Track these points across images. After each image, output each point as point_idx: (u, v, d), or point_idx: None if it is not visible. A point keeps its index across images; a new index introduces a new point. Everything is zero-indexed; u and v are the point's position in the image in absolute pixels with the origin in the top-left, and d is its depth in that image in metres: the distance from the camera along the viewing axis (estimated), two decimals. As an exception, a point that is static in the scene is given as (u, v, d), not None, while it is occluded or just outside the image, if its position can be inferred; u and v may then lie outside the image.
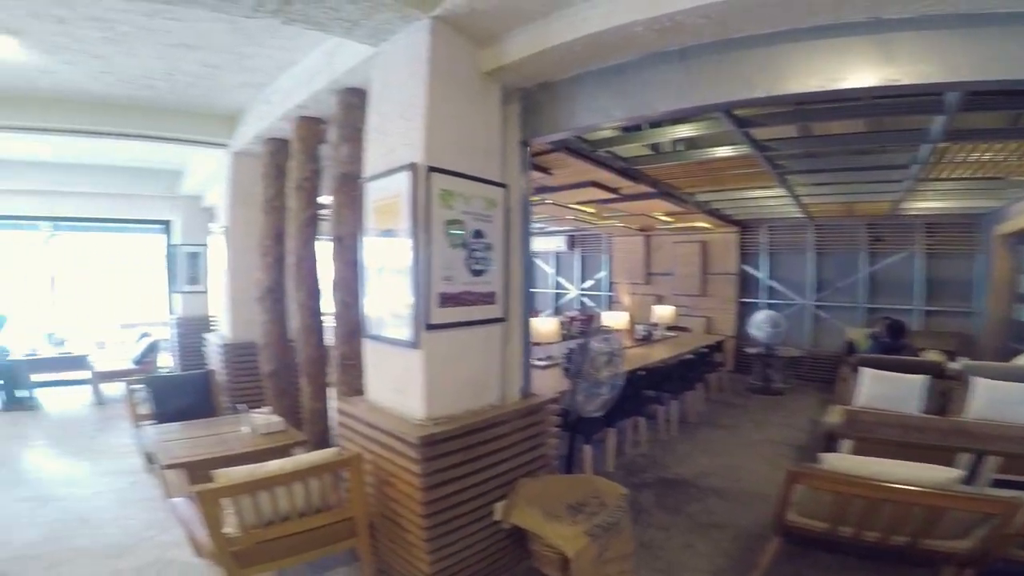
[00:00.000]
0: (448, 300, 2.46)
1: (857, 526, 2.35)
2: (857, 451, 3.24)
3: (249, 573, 2.32)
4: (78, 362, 6.71)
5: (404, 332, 2.43)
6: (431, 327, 2.40)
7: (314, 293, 4.01)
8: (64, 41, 3.30)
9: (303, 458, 2.56)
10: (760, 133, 3.89)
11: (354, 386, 3.45)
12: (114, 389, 6.75)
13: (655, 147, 4.81)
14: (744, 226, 8.69)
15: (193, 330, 7.69)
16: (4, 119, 4.35)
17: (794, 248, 8.40)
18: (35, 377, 6.54)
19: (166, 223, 8.26)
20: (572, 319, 8.67)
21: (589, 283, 11.12)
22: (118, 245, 8.91)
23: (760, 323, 7.45)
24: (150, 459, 3.74)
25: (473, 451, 2.57)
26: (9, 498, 3.75)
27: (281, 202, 4.70)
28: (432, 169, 2.41)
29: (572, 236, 11.04)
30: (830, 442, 3.80)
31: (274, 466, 2.43)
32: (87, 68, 3.78)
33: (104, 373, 6.67)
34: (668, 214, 7.68)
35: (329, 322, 3.73)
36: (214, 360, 5.53)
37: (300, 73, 3.78)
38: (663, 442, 5.13)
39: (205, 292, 7.90)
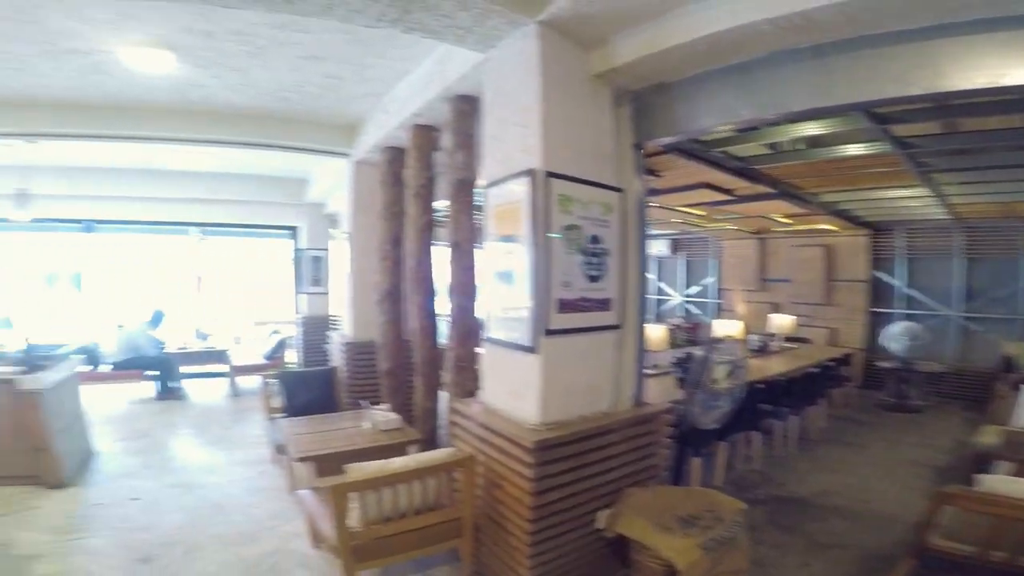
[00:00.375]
0: (566, 306, 2.46)
1: (1013, 551, 2.13)
2: (1018, 474, 2.86)
3: (363, 567, 2.44)
4: (219, 356, 7.50)
5: (523, 336, 2.46)
6: (550, 332, 2.41)
7: (430, 296, 4.18)
8: (211, 55, 3.61)
9: (423, 456, 2.66)
10: (900, 130, 3.52)
11: (466, 387, 3.55)
12: (247, 382, 7.47)
13: (773, 146, 4.52)
14: (876, 229, 7.91)
15: (316, 328, 8.32)
16: (165, 131, 4.88)
17: (937, 253, 7.52)
18: (183, 369, 7.33)
19: (294, 229, 9.01)
20: (676, 327, 8.36)
21: (694, 289, 10.67)
22: (253, 249, 9.86)
23: (896, 335, 6.75)
24: (280, 450, 4.05)
25: (583, 458, 2.55)
26: (161, 483, 4.17)
27: (399, 208, 4.94)
28: (550, 175, 2.42)
29: (675, 240, 10.66)
30: (981, 464, 3.37)
31: (399, 463, 2.54)
32: (231, 81, 4.13)
33: (240, 367, 7.39)
34: (787, 216, 7.18)
35: (444, 324, 3.86)
36: (336, 357, 5.93)
37: (414, 82, 3.94)
38: (779, 458, 4.81)
39: (327, 293, 8.53)
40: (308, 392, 4.77)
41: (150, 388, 6.98)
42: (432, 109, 3.80)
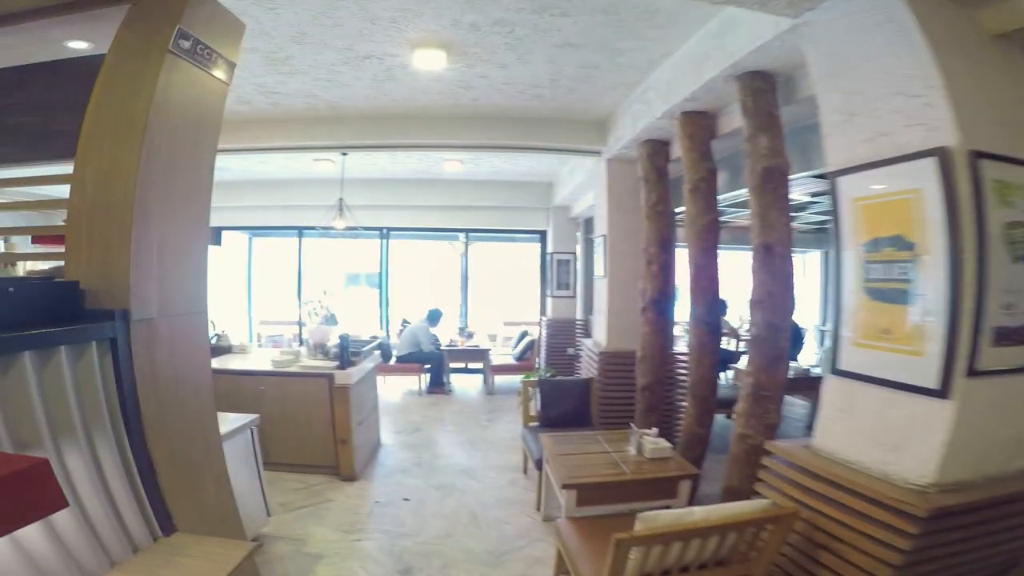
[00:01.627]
0: (1005, 337, 1.67)
1: None
2: None
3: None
4: (481, 355, 7.93)
5: (922, 375, 1.73)
6: (976, 373, 1.65)
7: (713, 308, 3.60)
8: (477, 51, 3.57)
9: (732, 509, 2.14)
10: None
11: (765, 420, 2.89)
12: (499, 379, 7.81)
13: None
14: None
15: (560, 332, 8.32)
16: (442, 138, 5.11)
17: None
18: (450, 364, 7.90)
19: (542, 233, 9.19)
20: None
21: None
22: (506, 252, 10.39)
23: None
24: (536, 464, 3.88)
25: (982, 527, 1.82)
26: (428, 483, 4.33)
27: (665, 207, 4.48)
28: (978, 155, 1.66)
29: None
30: None
31: (700, 515, 2.08)
32: (495, 80, 4.10)
33: (496, 366, 7.74)
34: None
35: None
36: (585, 365, 5.70)
37: (680, 64, 3.53)
38: None
39: (573, 297, 8.48)
40: (564, 402, 4.58)
41: (419, 381, 7.64)
42: (709, 91, 3.32)
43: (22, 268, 2.99)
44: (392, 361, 7.58)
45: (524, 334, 8.36)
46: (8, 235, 2.23)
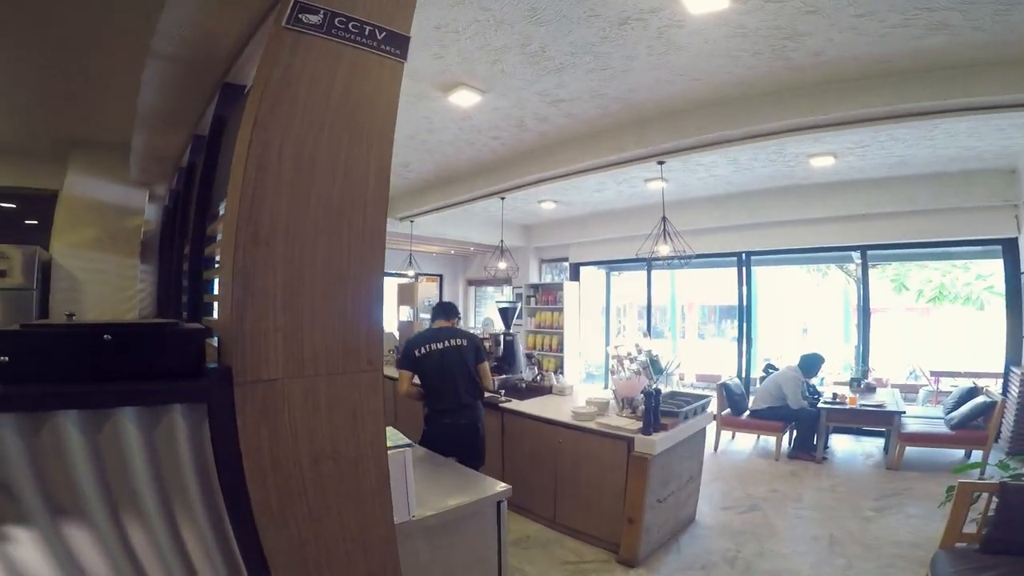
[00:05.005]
0: None
1: None
2: None
3: None
4: (885, 418, 5.52)
5: None
6: None
7: None
8: None
9: None
10: None
11: None
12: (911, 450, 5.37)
13: None
14: None
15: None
16: (782, 119, 3.78)
17: None
18: (834, 423, 5.75)
19: (1004, 242, 5.99)
20: None
21: None
22: (937, 274, 7.41)
23: None
24: None
25: None
26: None
27: None
28: None
29: None
30: None
31: None
32: (839, 11, 2.71)
33: (910, 436, 5.27)
34: None
35: None
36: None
37: None
38: None
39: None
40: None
41: (780, 440, 5.74)
42: None
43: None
44: (745, 415, 6.00)
45: (972, 391, 5.50)
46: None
